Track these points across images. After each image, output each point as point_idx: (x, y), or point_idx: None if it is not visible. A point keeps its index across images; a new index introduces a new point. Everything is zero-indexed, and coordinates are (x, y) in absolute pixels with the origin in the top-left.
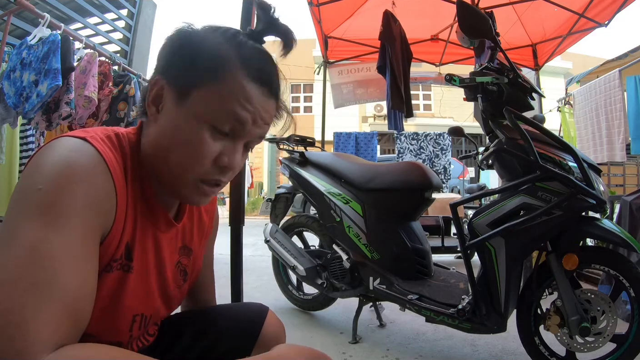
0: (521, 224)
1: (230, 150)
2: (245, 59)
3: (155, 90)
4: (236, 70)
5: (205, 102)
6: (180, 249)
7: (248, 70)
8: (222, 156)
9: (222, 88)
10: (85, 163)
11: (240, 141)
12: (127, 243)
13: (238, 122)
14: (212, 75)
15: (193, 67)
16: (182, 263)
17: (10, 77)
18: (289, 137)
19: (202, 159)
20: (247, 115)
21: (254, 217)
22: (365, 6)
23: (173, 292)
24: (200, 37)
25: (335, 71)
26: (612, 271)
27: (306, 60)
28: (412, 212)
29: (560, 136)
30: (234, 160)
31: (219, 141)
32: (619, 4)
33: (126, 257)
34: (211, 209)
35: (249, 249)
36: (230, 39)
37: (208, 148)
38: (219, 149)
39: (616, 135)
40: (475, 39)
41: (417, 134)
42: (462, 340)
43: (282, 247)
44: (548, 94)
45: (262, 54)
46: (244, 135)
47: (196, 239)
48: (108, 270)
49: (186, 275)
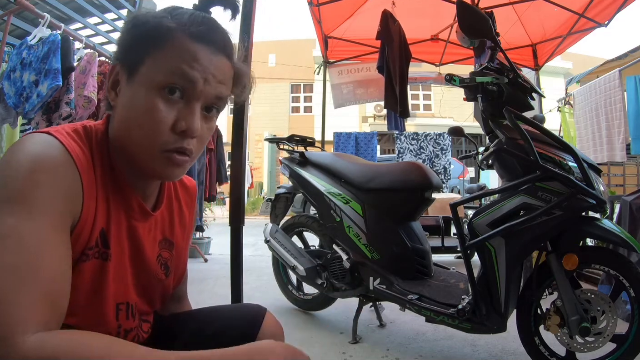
0: (521, 224)
1: (186, 114)
2: (186, 24)
3: (112, 75)
4: (177, 34)
5: (152, 70)
6: (161, 242)
7: (189, 32)
8: (179, 121)
9: (166, 53)
10: (48, 154)
11: (196, 103)
12: (101, 230)
13: (187, 80)
14: (155, 44)
15: (138, 43)
16: (162, 256)
17: (10, 77)
18: (289, 137)
19: (159, 126)
20: (195, 73)
21: (254, 217)
22: (365, 6)
23: (155, 285)
24: (145, 16)
25: (335, 71)
26: (612, 271)
27: (306, 60)
28: (412, 212)
29: (560, 136)
30: (192, 123)
31: (174, 106)
32: (619, 4)
33: (102, 245)
34: (191, 203)
35: (249, 249)
36: (171, 11)
37: (162, 114)
38: (175, 115)
39: (616, 135)
40: (475, 39)
41: (417, 134)
42: (462, 340)
43: (282, 247)
44: (548, 94)
45: (203, 17)
46: (197, 96)
47: (178, 232)
48: (84, 259)
49: (168, 270)
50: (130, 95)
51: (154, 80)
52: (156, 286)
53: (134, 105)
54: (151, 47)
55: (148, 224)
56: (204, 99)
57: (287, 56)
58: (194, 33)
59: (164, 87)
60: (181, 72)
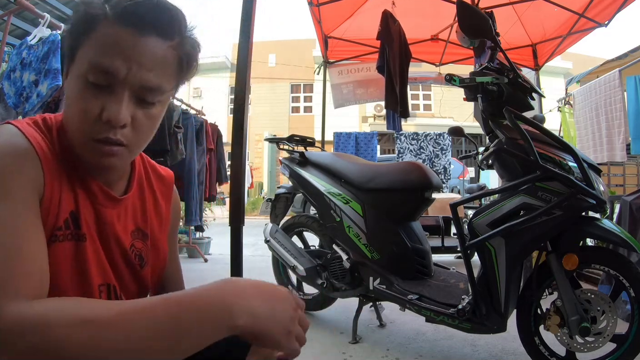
0: (521, 224)
1: (112, 103)
2: (112, 6)
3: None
4: (102, 19)
5: (81, 60)
6: (133, 232)
7: (114, 15)
8: (104, 111)
9: (91, 41)
10: (11, 142)
11: (121, 91)
12: (70, 212)
13: (106, 72)
14: (83, 32)
15: (71, 33)
16: (135, 247)
17: (10, 77)
18: (289, 137)
19: (85, 116)
20: (113, 63)
21: (254, 217)
22: (365, 6)
23: (131, 272)
24: (79, 4)
25: (335, 71)
26: (612, 271)
27: (306, 60)
28: (412, 212)
29: (560, 136)
30: (115, 113)
31: (99, 95)
32: (619, 4)
33: (74, 226)
34: (167, 193)
35: (249, 249)
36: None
37: (88, 104)
38: (101, 104)
39: (616, 135)
40: (475, 39)
41: (417, 134)
42: (462, 340)
43: (282, 247)
44: (548, 94)
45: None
46: (122, 84)
47: (154, 223)
48: (54, 240)
49: (142, 261)
50: (67, 86)
51: (80, 71)
52: (132, 275)
53: (69, 96)
54: (80, 35)
55: (117, 211)
56: (130, 85)
57: (287, 56)
58: (118, 14)
59: (89, 80)
60: (99, 64)
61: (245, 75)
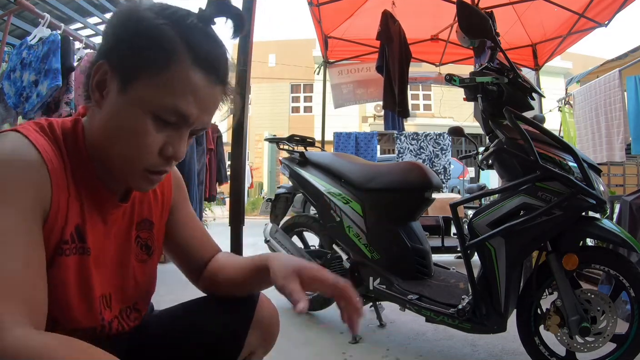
0: (521, 224)
1: (176, 141)
2: (193, 45)
3: (99, 74)
4: (182, 58)
5: (149, 91)
6: (138, 224)
7: (195, 57)
8: (167, 146)
9: (167, 77)
10: (16, 150)
11: (185, 131)
12: (76, 225)
13: (182, 116)
14: (157, 62)
15: (137, 53)
16: (141, 237)
17: (10, 77)
18: (289, 137)
19: (147, 151)
20: (191, 109)
21: (254, 217)
22: (365, 6)
23: (136, 268)
24: (146, 18)
25: (335, 71)
26: (612, 271)
27: (306, 60)
28: (412, 212)
29: (560, 136)
30: (179, 150)
31: (163, 131)
32: (619, 4)
33: (79, 239)
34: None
35: (249, 249)
36: (178, 22)
37: (153, 139)
38: (164, 139)
39: (616, 135)
40: (475, 39)
41: (417, 134)
42: (462, 340)
43: (282, 247)
44: (548, 94)
45: (211, 39)
46: (189, 125)
47: (156, 211)
48: (60, 253)
49: (149, 249)
50: (120, 110)
51: (149, 104)
52: (139, 269)
53: (122, 121)
54: (151, 63)
55: (120, 211)
56: (193, 127)
57: (287, 56)
58: (199, 58)
59: (158, 117)
60: (178, 107)
61: (245, 75)
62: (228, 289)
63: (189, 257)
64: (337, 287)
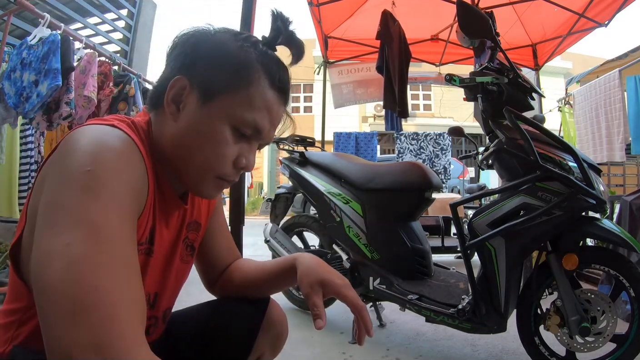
0: (521, 224)
1: (248, 152)
2: (268, 68)
3: (176, 89)
4: (261, 78)
5: (230, 106)
6: (189, 225)
7: (270, 78)
8: (240, 157)
9: (248, 94)
10: (123, 146)
11: (255, 144)
12: (151, 227)
13: (259, 128)
14: (239, 80)
15: (220, 71)
16: (189, 238)
17: (10, 77)
18: (289, 137)
19: (225, 160)
20: (266, 124)
21: (254, 217)
22: (365, 6)
23: (179, 269)
24: (228, 41)
25: (335, 71)
26: (612, 271)
27: (306, 60)
28: (412, 212)
29: (560, 136)
30: (250, 161)
31: (239, 143)
32: (619, 4)
33: (149, 241)
34: None
35: (249, 249)
36: (253, 46)
37: (230, 150)
38: (238, 150)
39: (616, 135)
40: (475, 39)
41: (417, 134)
42: (462, 340)
43: (282, 247)
44: (548, 94)
45: (280, 64)
46: (260, 139)
47: (204, 214)
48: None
49: (193, 250)
50: (200, 121)
51: (230, 118)
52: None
53: (202, 132)
54: (233, 81)
55: (182, 211)
56: (263, 140)
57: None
58: (275, 80)
59: (237, 129)
60: (256, 121)
61: None
62: (242, 289)
63: (213, 262)
64: (357, 308)
